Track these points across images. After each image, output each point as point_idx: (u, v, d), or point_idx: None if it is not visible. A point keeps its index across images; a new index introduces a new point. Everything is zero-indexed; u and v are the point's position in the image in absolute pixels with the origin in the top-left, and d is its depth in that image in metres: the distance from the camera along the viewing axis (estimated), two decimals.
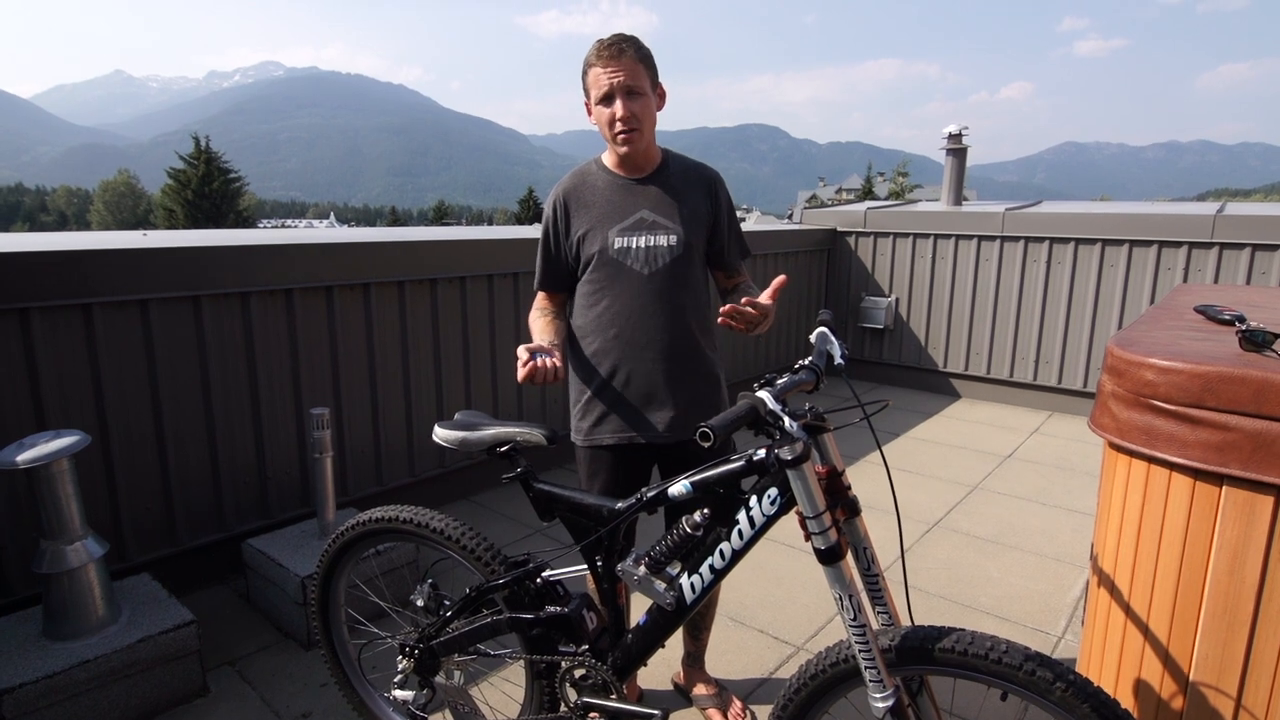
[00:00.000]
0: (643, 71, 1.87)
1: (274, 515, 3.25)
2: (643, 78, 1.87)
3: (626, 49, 1.85)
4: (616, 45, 1.85)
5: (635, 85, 1.86)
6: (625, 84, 1.84)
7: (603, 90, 1.86)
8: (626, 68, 1.84)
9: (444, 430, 1.76)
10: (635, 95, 1.86)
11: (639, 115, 1.87)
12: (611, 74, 1.84)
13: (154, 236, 3.51)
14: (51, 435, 2.25)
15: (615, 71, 1.84)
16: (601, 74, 1.85)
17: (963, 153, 6.94)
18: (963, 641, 1.34)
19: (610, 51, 1.84)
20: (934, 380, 6.43)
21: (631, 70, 1.85)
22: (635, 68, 1.85)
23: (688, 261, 1.99)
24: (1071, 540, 3.57)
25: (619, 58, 1.84)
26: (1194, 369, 1.56)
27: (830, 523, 1.35)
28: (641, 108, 1.88)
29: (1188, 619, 1.63)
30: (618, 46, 1.85)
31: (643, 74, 1.87)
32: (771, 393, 1.28)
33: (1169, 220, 5.29)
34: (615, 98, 1.85)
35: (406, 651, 1.87)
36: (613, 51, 1.84)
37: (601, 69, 1.85)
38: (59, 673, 2.11)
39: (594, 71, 1.87)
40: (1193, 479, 1.58)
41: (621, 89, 1.85)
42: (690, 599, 1.55)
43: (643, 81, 1.87)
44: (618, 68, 1.84)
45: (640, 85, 1.87)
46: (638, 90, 1.86)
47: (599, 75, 1.86)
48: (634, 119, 1.86)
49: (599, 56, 1.85)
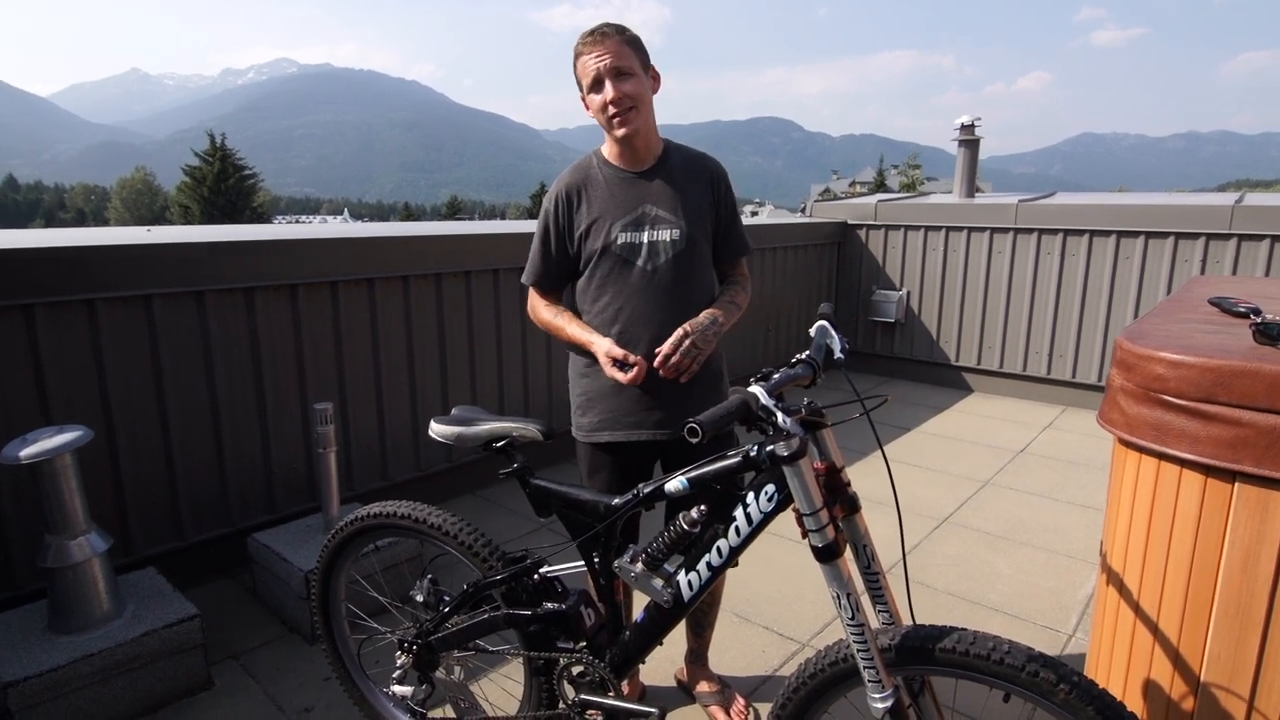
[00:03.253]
0: (630, 53, 1.84)
1: (280, 509, 3.25)
2: (631, 58, 1.84)
3: (610, 32, 1.83)
4: (600, 30, 1.84)
5: (624, 66, 1.83)
6: (613, 65, 1.81)
7: (591, 75, 1.83)
8: (613, 49, 1.82)
9: (440, 425, 1.74)
10: (625, 76, 1.83)
11: (631, 95, 1.83)
12: (598, 58, 1.81)
13: (158, 232, 3.52)
14: (55, 430, 2.25)
15: (601, 55, 1.81)
16: (589, 60, 1.83)
17: (975, 144, 6.85)
18: (964, 641, 1.31)
19: (594, 36, 1.83)
20: (946, 374, 6.37)
21: (618, 51, 1.82)
22: (622, 49, 1.83)
23: (691, 256, 1.96)
24: (1084, 537, 3.52)
25: (603, 41, 1.82)
26: (1206, 363, 1.51)
27: (827, 520, 1.33)
28: (633, 88, 1.84)
29: (1199, 618, 1.59)
30: (601, 31, 1.83)
31: (630, 55, 1.84)
32: (765, 387, 1.25)
33: (1186, 211, 5.19)
34: (605, 81, 1.82)
35: (405, 647, 1.86)
36: (597, 36, 1.82)
37: (588, 55, 1.83)
38: (62, 666, 2.12)
39: (581, 60, 1.85)
40: (1204, 476, 1.54)
41: (610, 71, 1.82)
42: (688, 596, 1.53)
43: (631, 62, 1.84)
44: (603, 50, 1.81)
45: (629, 65, 1.83)
46: (626, 70, 1.83)
47: (586, 62, 1.84)
48: (626, 99, 1.83)
49: (584, 44, 1.84)
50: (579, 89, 1.91)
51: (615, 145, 1.95)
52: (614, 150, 1.96)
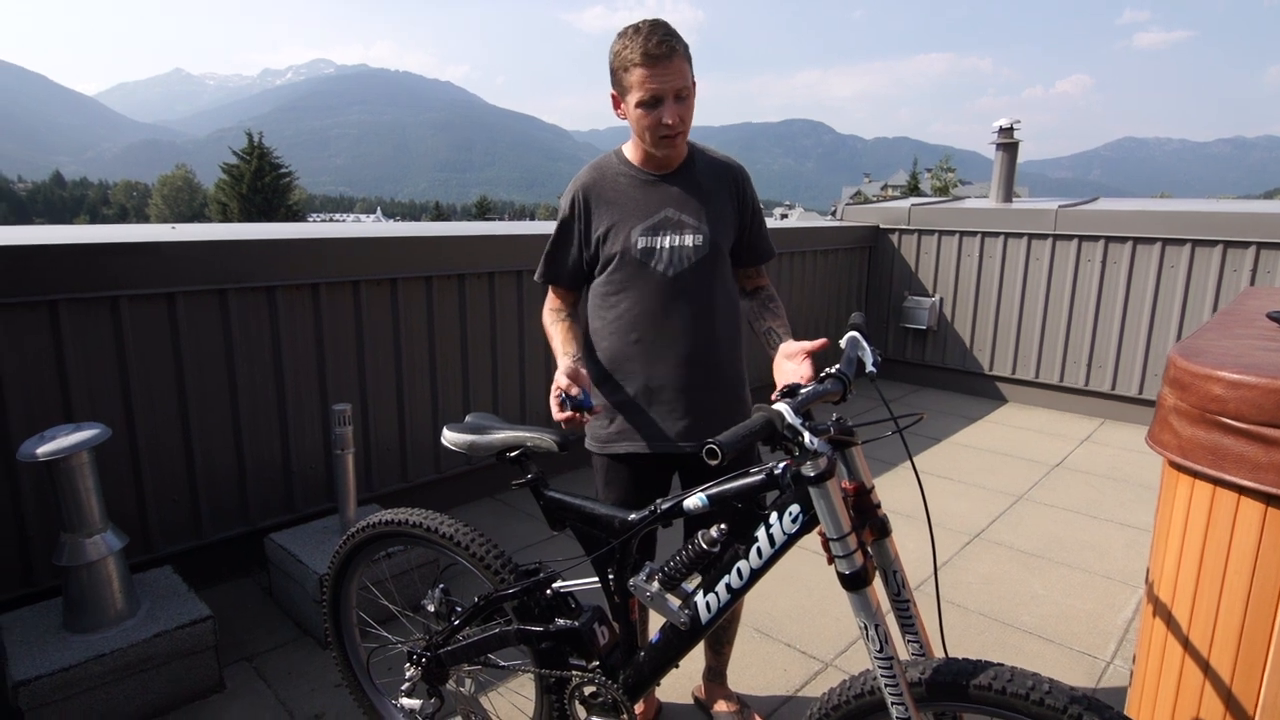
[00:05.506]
0: (688, 71, 1.72)
1: (299, 510, 3.24)
2: (689, 77, 1.73)
3: (676, 47, 1.68)
4: (666, 44, 1.65)
5: (684, 88, 1.71)
6: (676, 88, 1.69)
7: (650, 94, 1.69)
8: (677, 69, 1.68)
9: (452, 433, 1.69)
10: (683, 99, 1.72)
11: (685, 118, 1.74)
12: (663, 79, 1.67)
13: (182, 230, 3.53)
14: (72, 428, 2.24)
15: (666, 75, 1.67)
16: (649, 77, 1.66)
17: (1014, 147, 6.67)
18: (1001, 678, 1.22)
19: (660, 50, 1.65)
20: (979, 384, 6.20)
21: (681, 72, 1.69)
22: (684, 68, 1.70)
23: (714, 263, 1.88)
24: (1124, 557, 3.37)
25: (670, 59, 1.66)
26: (1270, 384, 1.40)
27: (855, 545, 1.24)
28: (687, 109, 1.74)
29: (1254, 658, 1.48)
30: (667, 45, 1.65)
31: (689, 74, 1.73)
32: (791, 404, 1.17)
33: (1235, 218, 4.98)
34: (665, 101, 1.70)
35: (414, 660, 1.81)
36: (663, 51, 1.66)
37: (648, 71, 1.66)
38: (74, 666, 2.11)
39: (638, 73, 1.67)
40: (1264, 505, 1.43)
41: (673, 94, 1.70)
42: (705, 619, 1.45)
43: (689, 82, 1.73)
44: (668, 70, 1.67)
45: (688, 87, 1.72)
46: (685, 94, 1.72)
47: (645, 78, 1.67)
48: (682, 123, 1.73)
49: (646, 56, 1.65)
50: (616, 87, 1.76)
51: (643, 152, 1.86)
52: (638, 154, 1.88)
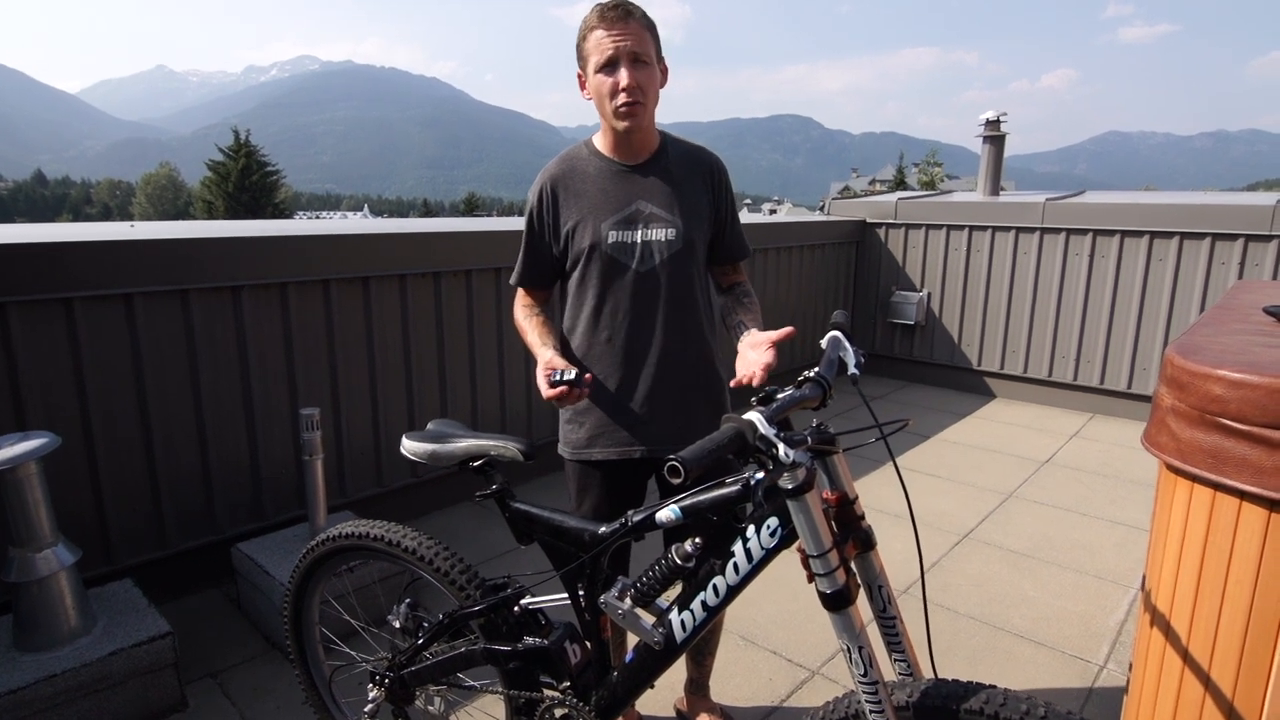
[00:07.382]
0: (649, 39, 1.68)
1: (269, 517, 3.13)
2: (649, 45, 1.68)
3: (634, 12, 1.65)
4: (623, 6, 1.65)
5: (642, 52, 1.66)
6: (632, 49, 1.64)
7: (606, 55, 1.64)
8: (634, 32, 1.64)
9: (412, 442, 1.59)
10: (641, 64, 1.66)
11: (644, 86, 1.67)
12: (618, 37, 1.63)
13: (140, 228, 3.40)
14: (19, 437, 2.13)
15: (622, 35, 1.63)
16: (605, 37, 1.64)
17: (1000, 140, 6.61)
18: (993, 702, 1.14)
19: (616, 13, 1.64)
20: (967, 379, 6.15)
21: (639, 36, 1.65)
22: (642, 34, 1.66)
23: (688, 258, 1.79)
24: (1115, 556, 3.31)
25: (626, 20, 1.64)
26: (1273, 383, 1.33)
27: (837, 562, 1.16)
28: (647, 78, 1.68)
29: (1257, 670, 1.41)
30: (624, 8, 1.65)
31: (649, 42, 1.68)
32: (764, 414, 1.08)
33: (1224, 211, 4.94)
34: (620, 64, 1.65)
35: (377, 680, 1.72)
36: (619, 13, 1.64)
37: (605, 31, 1.64)
38: (24, 687, 2.00)
39: (596, 35, 1.65)
40: (1267, 510, 1.36)
41: (627, 54, 1.64)
42: (681, 638, 1.37)
43: (649, 49, 1.68)
44: (624, 31, 1.63)
45: (647, 53, 1.67)
46: (644, 58, 1.66)
47: (602, 39, 1.64)
48: (639, 90, 1.66)
49: (602, 18, 1.64)
50: (580, 64, 1.72)
51: (612, 136, 1.78)
52: (608, 141, 1.79)
